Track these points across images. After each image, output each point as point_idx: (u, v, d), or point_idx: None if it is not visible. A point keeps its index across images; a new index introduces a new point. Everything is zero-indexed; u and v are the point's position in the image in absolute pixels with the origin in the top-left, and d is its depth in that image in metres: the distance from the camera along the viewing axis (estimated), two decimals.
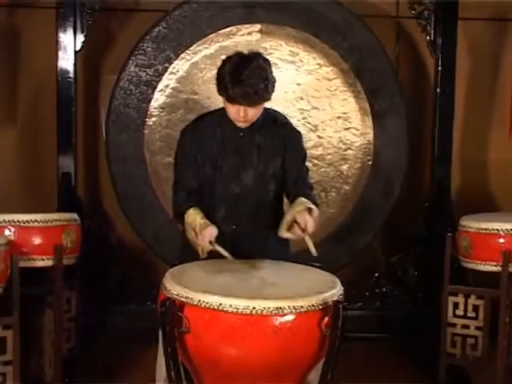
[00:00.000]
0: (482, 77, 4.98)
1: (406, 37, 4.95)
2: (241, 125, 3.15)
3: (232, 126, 3.18)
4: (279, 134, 3.23)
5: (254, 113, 3.11)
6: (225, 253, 3.09)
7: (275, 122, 3.25)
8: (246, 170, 3.20)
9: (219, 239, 3.10)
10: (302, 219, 3.03)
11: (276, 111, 3.31)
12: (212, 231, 3.09)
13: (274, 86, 3.13)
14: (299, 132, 3.35)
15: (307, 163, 3.33)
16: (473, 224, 4.02)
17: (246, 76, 3.01)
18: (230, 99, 3.07)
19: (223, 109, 3.17)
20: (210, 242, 3.08)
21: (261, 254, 3.17)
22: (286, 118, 3.34)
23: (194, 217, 3.15)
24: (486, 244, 3.96)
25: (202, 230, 3.09)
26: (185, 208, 3.19)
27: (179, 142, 3.30)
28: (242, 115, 3.09)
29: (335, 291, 2.79)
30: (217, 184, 3.21)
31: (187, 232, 3.18)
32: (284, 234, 3.10)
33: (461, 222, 4.12)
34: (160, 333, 2.83)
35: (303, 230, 3.03)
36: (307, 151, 3.37)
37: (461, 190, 4.93)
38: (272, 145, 3.21)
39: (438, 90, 4.65)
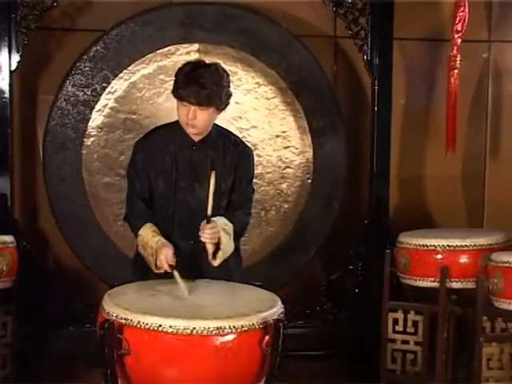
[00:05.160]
0: (417, 95, 5.05)
1: (343, 56, 5.00)
2: (190, 130, 3.13)
3: (185, 139, 3.16)
4: (232, 152, 3.23)
5: (203, 117, 3.09)
6: (180, 282, 2.98)
7: (228, 140, 3.25)
8: (200, 184, 3.17)
9: (177, 255, 3.07)
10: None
11: (228, 130, 3.32)
12: (169, 253, 3.06)
13: (228, 98, 3.14)
14: (251, 150, 3.36)
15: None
16: (410, 240, 4.07)
17: (200, 75, 3.04)
18: (180, 98, 3.07)
19: (177, 122, 3.16)
20: (170, 266, 3.03)
21: (216, 269, 3.14)
22: (237, 136, 3.34)
23: (148, 236, 3.13)
24: (423, 260, 4.01)
25: (158, 249, 3.06)
26: (139, 226, 3.17)
27: (131, 156, 3.27)
28: (191, 117, 3.07)
29: (275, 310, 2.79)
30: (172, 198, 3.19)
31: (141, 249, 3.15)
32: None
33: (399, 238, 4.16)
34: None
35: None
36: None
37: (399, 206, 4.98)
38: (224, 162, 3.21)
39: (376, 108, 4.70)
